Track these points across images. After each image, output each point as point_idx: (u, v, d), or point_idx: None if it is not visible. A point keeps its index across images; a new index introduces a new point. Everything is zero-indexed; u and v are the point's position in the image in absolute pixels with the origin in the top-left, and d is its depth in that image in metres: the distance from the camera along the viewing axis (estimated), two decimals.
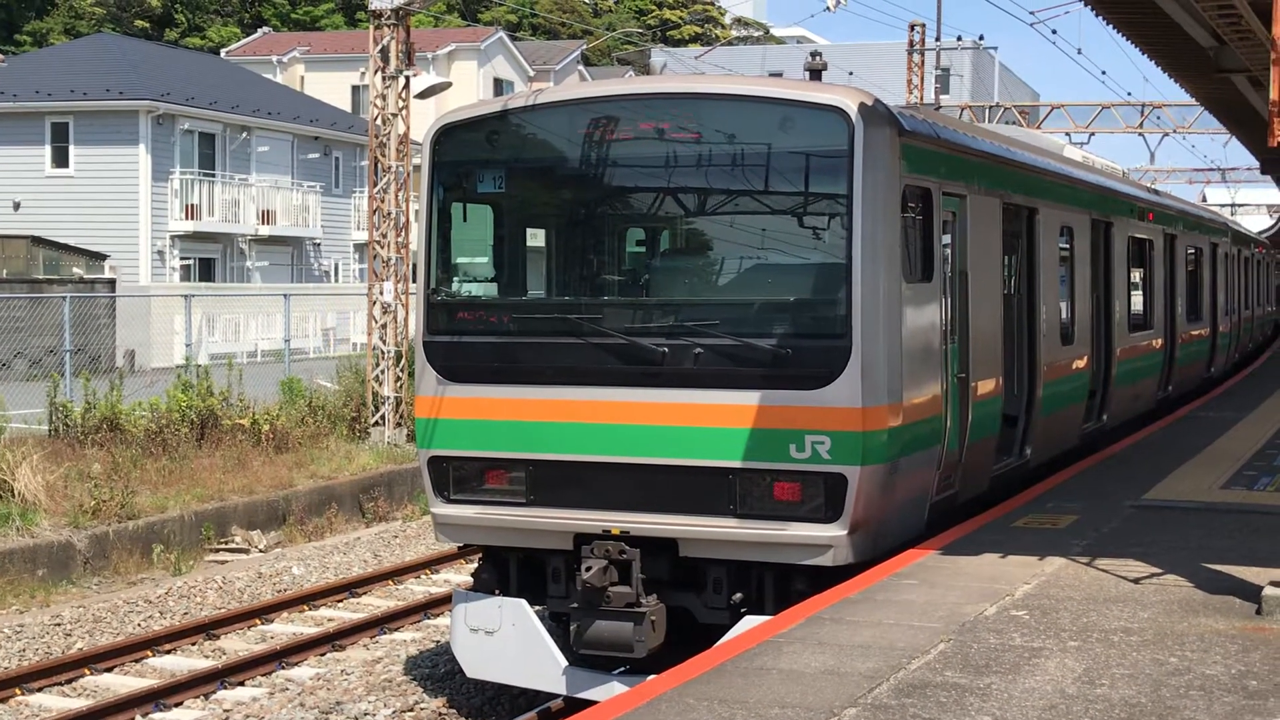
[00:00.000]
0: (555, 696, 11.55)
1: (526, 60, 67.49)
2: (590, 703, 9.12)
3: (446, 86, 25.13)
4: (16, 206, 43.27)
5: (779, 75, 57.49)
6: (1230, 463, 15.23)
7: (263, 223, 46.66)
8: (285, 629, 15.08)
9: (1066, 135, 43.64)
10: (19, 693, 12.60)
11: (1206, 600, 9.10)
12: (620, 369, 10.49)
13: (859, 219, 9.99)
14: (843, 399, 9.91)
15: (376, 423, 23.97)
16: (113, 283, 36.09)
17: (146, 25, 74.06)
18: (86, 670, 13.30)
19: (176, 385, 21.96)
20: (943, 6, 53.62)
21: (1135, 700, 7.03)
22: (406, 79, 24.06)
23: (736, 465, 10.14)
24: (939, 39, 50.48)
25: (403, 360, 23.84)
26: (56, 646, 14.24)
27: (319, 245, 49.93)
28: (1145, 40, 16.60)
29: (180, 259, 43.87)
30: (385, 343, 24.12)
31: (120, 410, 20.74)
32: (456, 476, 11.03)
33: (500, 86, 63.56)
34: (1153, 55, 17.50)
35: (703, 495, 10.25)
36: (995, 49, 72.75)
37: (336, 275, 51.02)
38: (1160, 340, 20.46)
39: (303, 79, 63.66)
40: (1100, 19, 15.40)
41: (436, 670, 13.29)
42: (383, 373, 24.08)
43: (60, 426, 20.50)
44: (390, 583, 17.03)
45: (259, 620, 15.26)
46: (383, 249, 24.25)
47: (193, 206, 43.82)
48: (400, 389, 23.94)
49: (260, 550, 18.87)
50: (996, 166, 12.93)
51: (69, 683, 13.07)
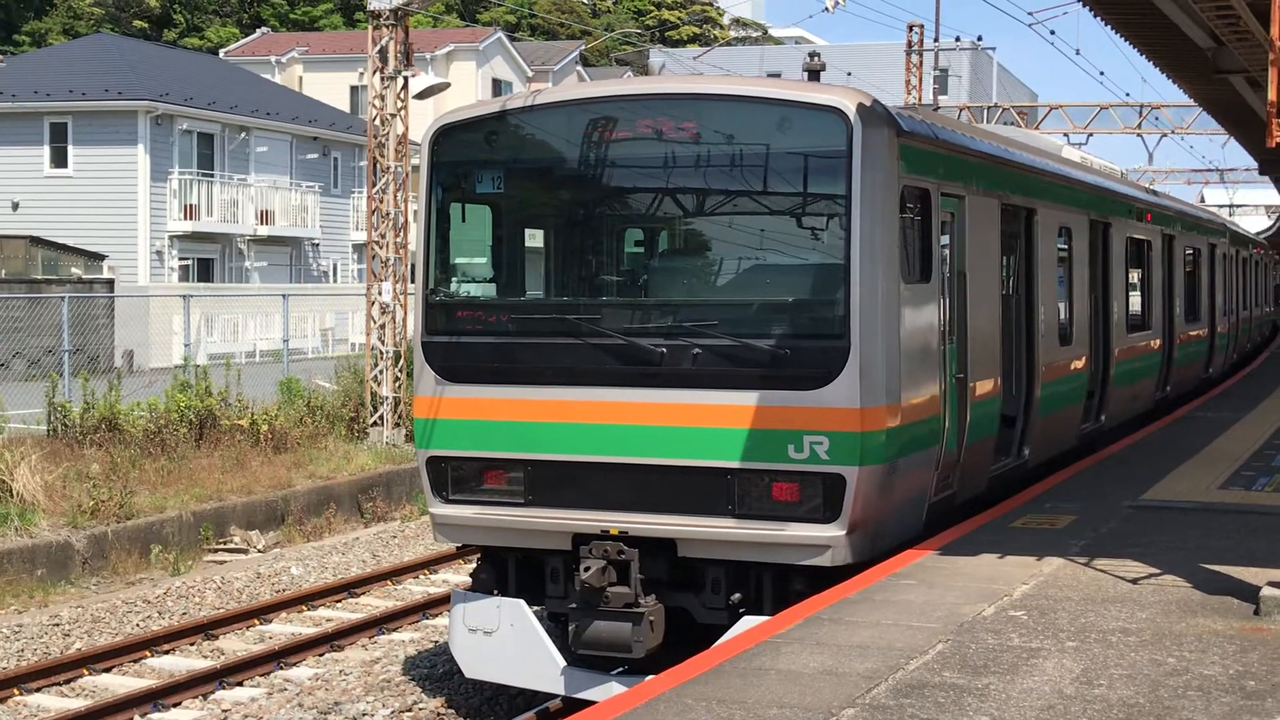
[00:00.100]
0: (554, 697, 11.55)
1: (525, 61, 67.51)
2: (589, 703, 9.11)
3: (445, 87, 25.11)
4: (15, 207, 43.27)
5: (777, 76, 57.51)
6: (1228, 463, 15.23)
7: (261, 223, 46.66)
8: (284, 629, 15.08)
9: (1065, 136, 43.65)
10: (17, 693, 12.60)
11: (1204, 601, 9.11)
12: (619, 369, 10.49)
13: (857, 219, 10.00)
14: (841, 399, 9.92)
15: (375, 423, 23.97)
16: (111, 283, 36.07)
17: (145, 25, 74.06)
18: (85, 670, 13.30)
19: (175, 385, 21.96)
20: (941, 7, 53.60)
21: (1133, 700, 7.03)
22: (405, 79, 24.05)
23: (735, 465, 10.14)
24: (937, 39, 50.50)
25: (401, 360, 23.84)
26: (55, 647, 14.24)
27: (318, 245, 49.93)
28: (1143, 41, 16.62)
29: (179, 259, 43.87)
30: (384, 343, 24.12)
31: (119, 410, 20.74)
32: (455, 477, 11.03)
33: (499, 87, 63.56)
34: (1151, 56, 17.52)
35: (701, 495, 10.25)
36: (993, 50, 72.61)
37: (335, 275, 51.02)
38: (1158, 341, 20.47)
39: (301, 79, 63.66)
40: (1098, 20, 15.43)
41: (435, 670, 13.29)
42: (381, 373, 24.08)
43: (59, 426, 20.51)
44: (389, 583, 17.03)
45: (257, 620, 15.27)
46: (381, 249, 24.25)
47: (191, 207, 43.82)
48: (399, 389, 23.93)
49: (259, 550, 18.86)
50: (995, 167, 12.94)
51: (67, 683, 13.07)
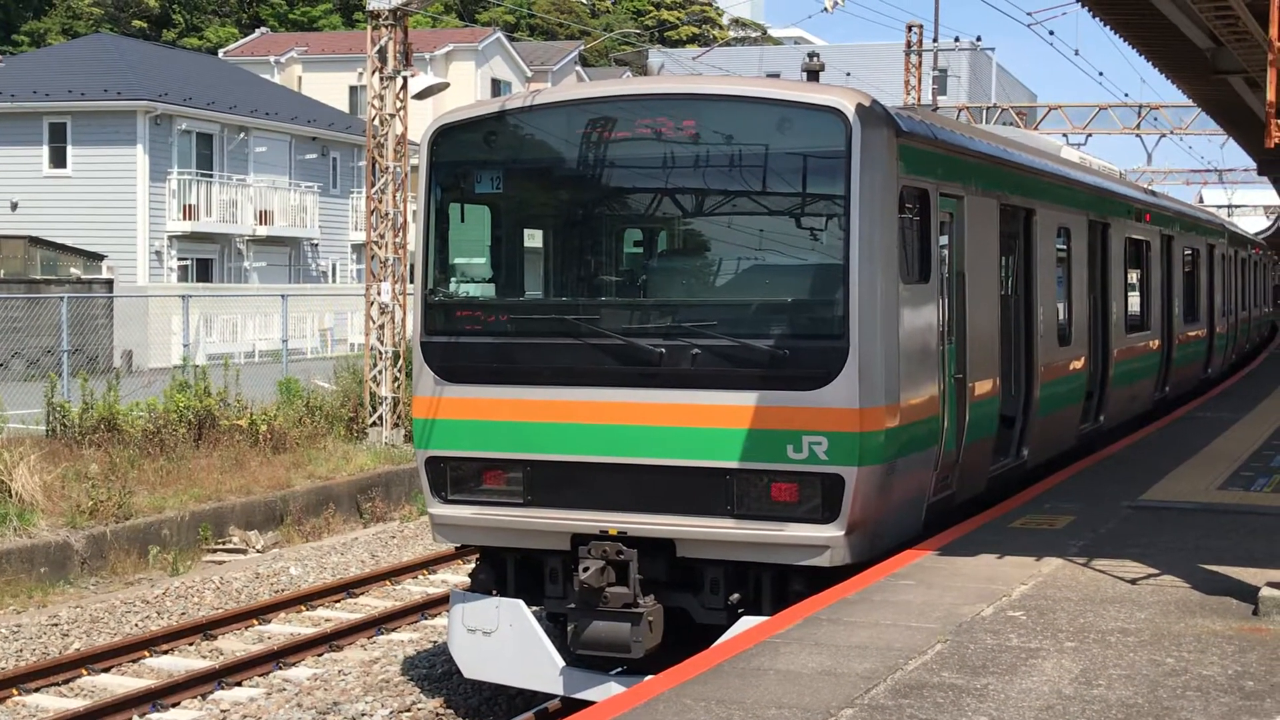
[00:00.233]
0: (552, 697, 11.56)
1: (524, 61, 67.52)
2: (587, 703, 9.11)
3: (444, 87, 25.10)
4: (14, 207, 43.27)
5: (776, 76, 57.51)
6: (1227, 463, 15.23)
7: (260, 223, 46.66)
8: (282, 629, 15.08)
9: (1064, 136, 43.67)
10: (16, 693, 12.59)
11: (1203, 601, 9.11)
12: (618, 369, 10.49)
13: (856, 220, 10.00)
14: (840, 400, 9.92)
15: (374, 423, 23.97)
16: (110, 283, 36.04)
17: (144, 25, 74.08)
18: (84, 670, 13.30)
19: (174, 385, 21.96)
20: (940, 7, 53.57)
21: (1132, 701, 7.04)
22: (404, 79, 24.05)
23: (734, 466, 10.14)
24: (936, 40, 50.52)
25: (400, 361, 23.83)
26: (54, 647, 14.23)
27: (317, 246, 49.92)
28: (1142, 41, 16.63)
29: (178, 259, 43.87)
30: (383, 343, 24.12)
31: (118, 410, 20.73)
32: (454, 477, 11.03)
33: (498, 87, 63.56)
34: (1150, 56, 17.53)
35: (700, 496, 10.25)
36: (993, 50, 72.69)
37: (334, 276, 51.02)
38: (1157, 341, 20.47)
39: (300, 79, 63.65)
40: (1098, 20, 15.44)
41: (434, 670, 13.29)
42: (380, 373, 24.08)
43: (58, 427, 20.50)
44: (388, 583, 17.03)
45: (256, 620, 15.26)
46: (380, 249, 24.24)
47: (190, 207, 43.81)
48: (398, 389, 23.92)
49: (258, 550, 18.86)
50: (994, 167, 12.94)
51: (66, 683, 13.06)
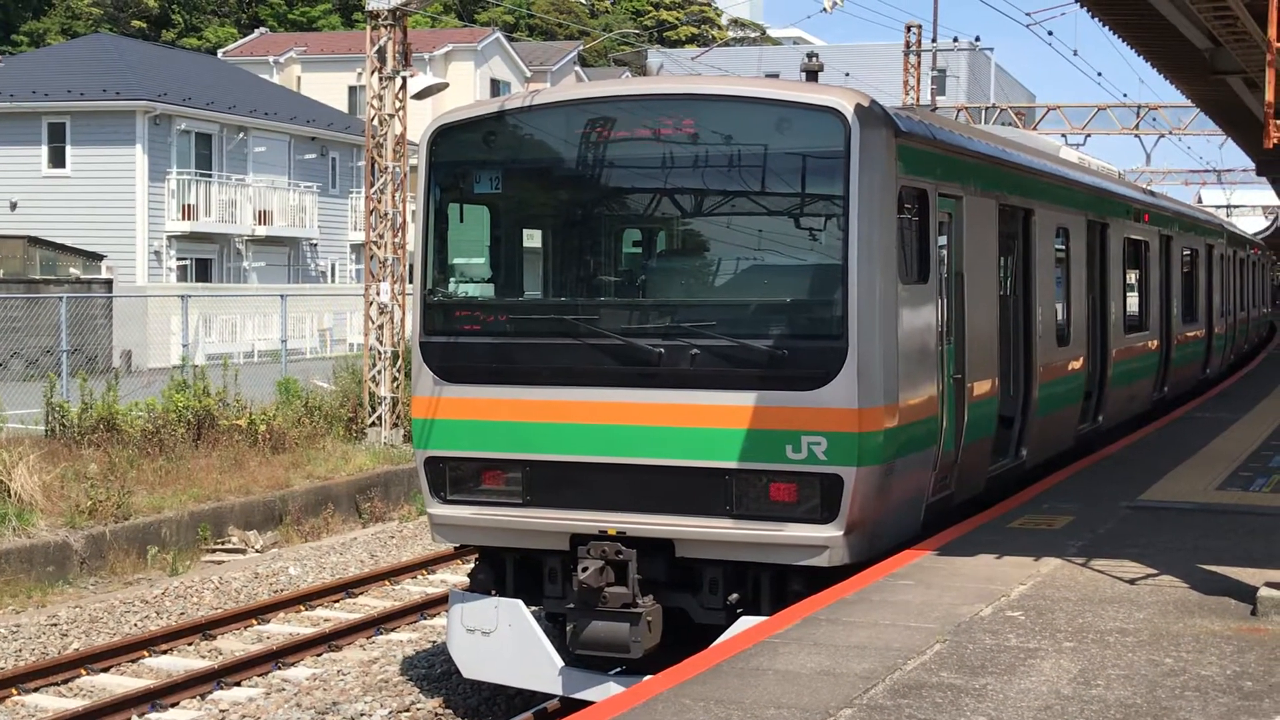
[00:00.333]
0: (551, 697, 11.56)
1: (523, 61, 67.50)
2: (586, 703, 9.12)
3: (443, 87, 25.10)
4: (13, 206, 43.26)
5: (775, 76, 57.52)
6: (1226, 464, 15.24)
7: (259, 223, 46.65)
8: (282, 629, 15.08)
9: (1062, 136, 43.65)
10: (15, 693, 12.60)
11: (1202, 601, 9.12)
12: (617, 370, 10.50)
13: (855, 220, 10.00)
14: (839, 400, 9.92)
15: (373, 423, 23.97)
16: (109, 283, 36.03)
17: (143, 26, 74.07)
18: (83, 670, 13.30)
19: (173, 385, 21.96)
20: (939, 8, 53.60)
21: (1131, 701, 7.04)
22: (403, 79, 24.05)
23: (733, 466, 10.14)
24: (935, 40, 50.54)
25: (399, 361, 23.84)
26: (53, 646, 14.23)
27: (316, 246, 49.91)
28: (1141, 42, 16.63)
29: (177, 259, 43.86)
30: (382, 343, 24.12)
31: (117, 410, 20.73)
32: (453, 477, 11.03)
33: (497, 87, 63.55)
34: (1148, 57, 17.53)
35: (699, 496, 10.26)
36: (991, 50, 72.75)
37: (333, 276, 51.00)
38: (1156, 341, 20.48)
39: (299, 79, 63.64)
40: (1096, 20, 15.44)
41: (433, 670, 13.29)
42: (379, 373, 24.08)
43: (57, 427, 20.50)
44: (387, 583, 17.03)
45: (255, 620, 15.27)
46: (379, 249, 24.24)
47: (189, 207, 43.80)
48: (397, 389, 23.93)
49: (257, 550, 18.86)
50: (992, 168, 12.94)
51: (65, 683, 13.06)
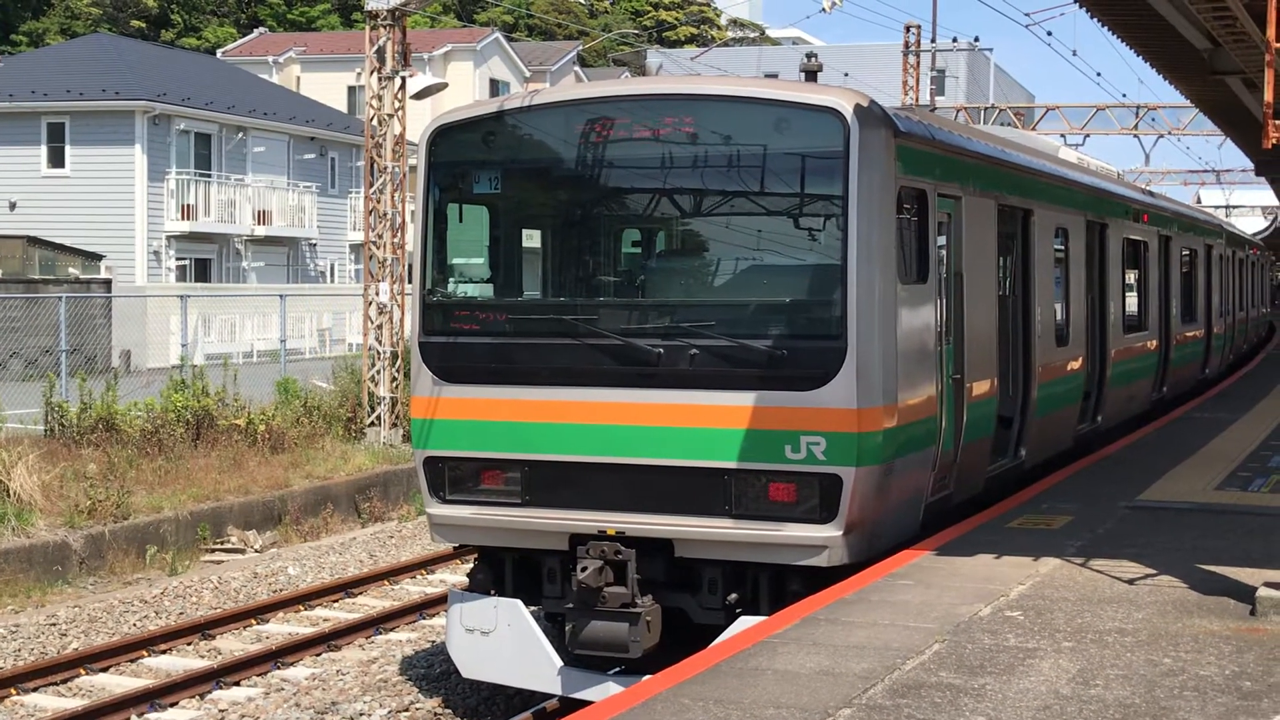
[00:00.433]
0: (550, 697, 11.56)
1: (523, 61, 67.50)
2: (585, 703, 9.12)
3: (443, 87, 25.10)
4: (12, 206, 43.26)
5: (775, 76, 57.53)
6: (1225, 464, 15.24)
7: (259, 223, 46.64)
8: (281, 629, 15.08)
9: (1061, 137, 43.66)
10: (14, 692, 12.59)
11: (1201, 601, 9.12)
12: (616, 370, 10.50)
13: (854, 220, 10.00)
14: (838, 400, 9.93)
15: (372, 423, 23.97)
16: (108, 283, 36.04)
17: (142, 25, 74.05)
18: (82, 670, 13.29)
19: (172, 385, 21.95)
20: (938, 8, 53.63)
21: (1129, 701, 7.04)
22: (403, 79, 24.05)
23: (732, 466, 10.15)
24: (934, 40, 50.56)
25: (399, 361, 23.84)
26: (52, 646, 14.23)
27: (315, 246, 49.91)
28: (1140, 42, 16.64)
29: (176, 259, 43.85)
30: (381, 343, 24.12)
31: (116, 410, 20.73)
32: (452, 477, 11.03)
33: (496, 87, 63.55)
34: (1147, 57, 17.54)
35: (698, 496, 10.26)
36: (990, 51, 72.77)
37: (332, 276, 51.00)
38: (1155, 342, 20.49)
39: (299, 79, 63.64)
40: (1095, 21, 15.44)
41: (432, 670, 13.29)
42: (378, 373, 24.08)
43: (56, 426, 20.50)
44: (386, 583, 17.03)
45: (254, 620, 15.27)
46: (379, 249, 24.24)
47: (188, 207, 43.80)
48: (396, 389, 23.93)
49: (256, 550, 18.86)
50: (991, 168, 12.94)
51: (64, 683, 13.06)
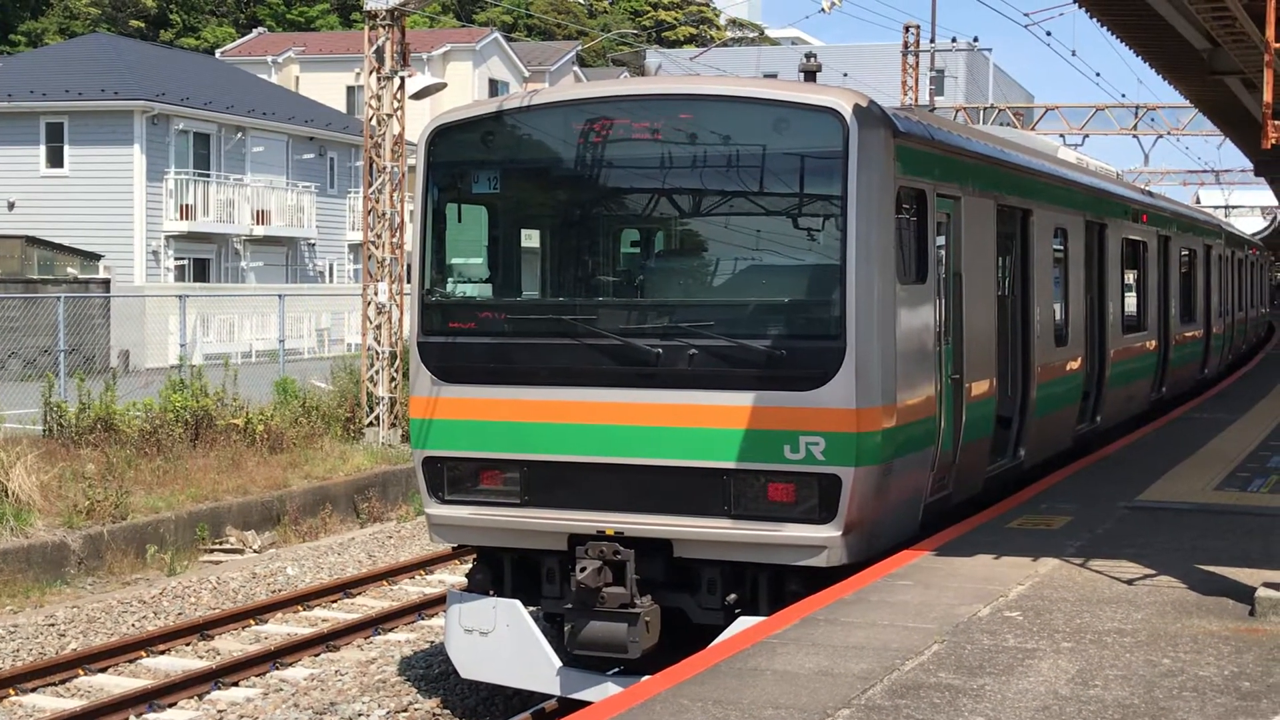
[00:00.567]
0: (549, 697, 11.56)
1: (522, 61, 67.50)
2: (584, 703, 9.11)
3: (442, 87, 25.10)
4: (11, 206, 43.23)
5: (774, 77, 57.52)
6: (1224, 464, 15.24)
7: (257, 223, 46.63)
8: (279, 629, 15.08)
9: (1061, 137, 43.66)
10: (13, 693, 12.59)
11: (1200, 601, 9.12)
12: (615, 370, 10.50)
13: (853, 220, 10.00)
14: (837, 400, 9.92)
15: (371, 423, 23.96)
16: (107, 283, 36.02)
17: (141, 25, 74.03)
18: (80, 670, 13.29)
19: (170, 385, 21.94)
20: (937, 8, 53.65)
21: (1128, 701, 7.04)
22: (401, 79, 24.05)
23: (731, 466, 10.14)
24: (934, 40, 50.54)
25: (397, 361, 23.83)
26: (50, 647, 14.22)
27: (314, 245, 49.89)
28: (1139, 42, 16.63)
29: (175, 259, 43.83)
30: (380, 343, 24.11)
31: (114, 410, 20.72)
32: (451, 477, 11.03)
33: (495, 87, 63.54)
34: (1147, 57, 17.53)
35: (697, 496, 10.25)
36: (990, 51, 72.78)
37: (331, 276, 50.98)
38: (1154, 342, 20.49)
39: (298, 79, 63.62)
40: (1094, 21, 15.43)
41: (431, 671, 13.29)
42: (377, 373, 24.07)
43: (54, 427, 20.49)
44: (385, 583, 17.03)
45: (253, 621, 15.26)
46: (377, 249, 24.24)
47: (187, 207, 43.78)
48: (395, 389, 23.92)
49: (255, 550, 18.86)
50: (991, 168, 12.94)
51: (63, 683, 13.06)
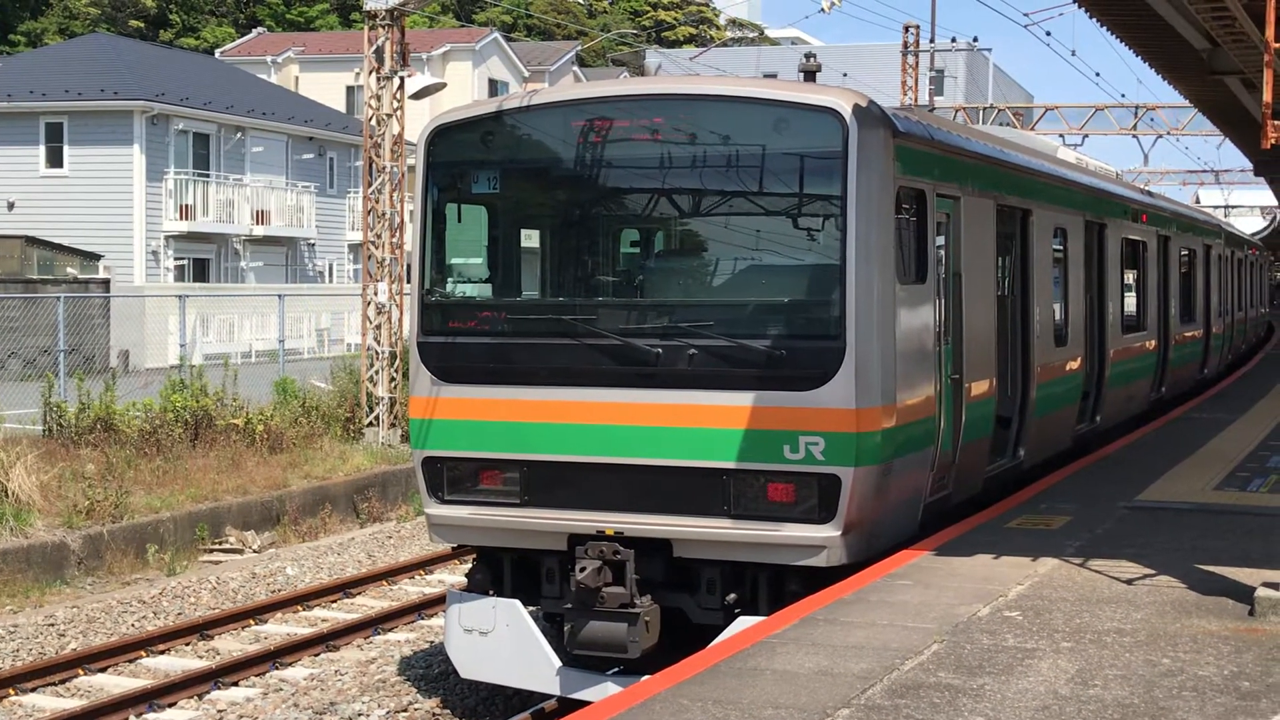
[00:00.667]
0: (549, 697, 11.56)
1: (521, 61, 67.49)
2: (584, 703, 9.11)
3: (441, 87, 25.10)
4: (11, 206, 43.23)
5: (773, 77, 57.53)
6: (1224, 464, 15.24)
7: (257, 223, 46.63)
8: (279, 629, 15.08)
9: (1060, 137, 43.65)
10: (13, 693, 12.59)
11: (1199, 601, 9.12)
12: (615, 370, 10.50)
13: (853, 220, 10.01)
14: (837, 400, 9.93)
15: (371, 423, 23.96)
16: (107, 283, 36.02)
17: (141, 25, 74.02)
18: (80, 670, 13.29)
19: (170, 385, 21.94)
20: (937, 8, 53.67)
21: (1128, 701, 7.04)
22: (401, 79, 24.04)
23: (730, 466, 10.15)
24: (933, 40, 50.53)
25: (397, 361, 23.83)
26: (50, 647, 14.22)
27: (313, 245, 49.90)
28: (1138, 42, 16.63)
29: (174, 259, 43.83)
30: (379, 343, 24.11)
31: (114, 410, 20.71)
32: (451, 477, 11.03)
33: (495, 87, 63.54)
34: (1146, 57, 17.53)
35: (697, 496, 10.26)
36: (989, 51, 72.75)
37: (331, 276, 50.98)
38: (1154, 342, 20.49)
39: (297, 79, 63.62)
40: (1094, 21, 15.42)
41: (431, 671, 13.29)
42: (377, 373, 24.07)
43: (54, 427, 20.49)
44: (384, 583, 17.03)
45: (253, 621, 15.26)
46: (377, 249, 24.24)
47: (187, 207, 43.79)
48: (394, 389, 23.93)
49: (254, 550, 18.86)
50: (990, 168, 12.95)
51: (63, 683, 13.06)
